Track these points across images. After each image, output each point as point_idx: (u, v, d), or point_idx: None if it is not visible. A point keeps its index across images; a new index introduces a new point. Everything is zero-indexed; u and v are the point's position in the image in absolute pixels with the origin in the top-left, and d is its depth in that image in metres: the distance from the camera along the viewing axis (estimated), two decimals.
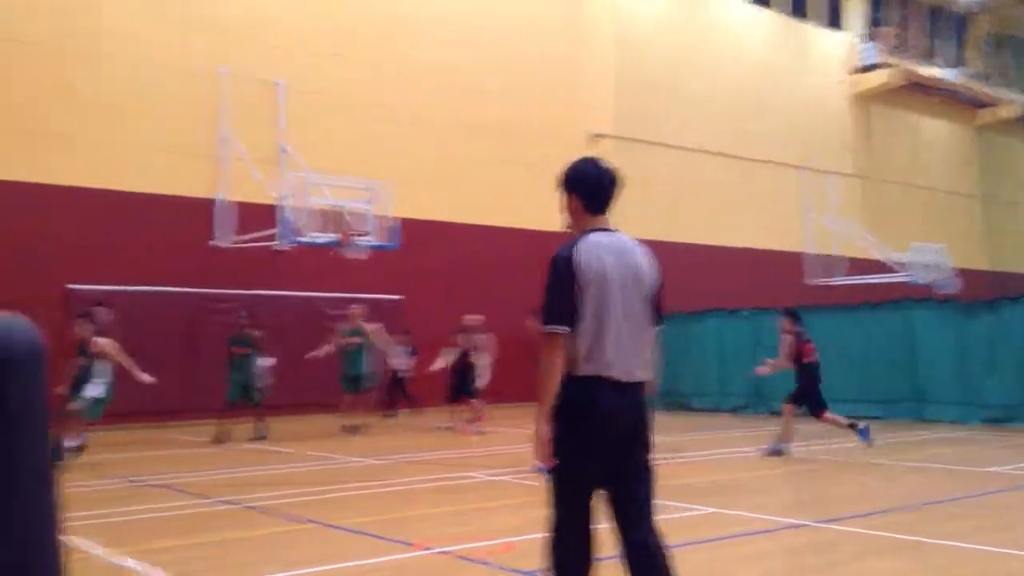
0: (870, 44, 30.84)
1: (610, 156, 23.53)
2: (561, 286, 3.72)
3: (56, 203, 16.00)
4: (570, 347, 3.71)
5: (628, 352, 3.74)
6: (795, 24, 29.25)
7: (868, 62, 30.66)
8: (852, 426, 12.05)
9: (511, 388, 16.20)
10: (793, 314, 12.48)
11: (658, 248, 20.73)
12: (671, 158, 25.09)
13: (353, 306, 15.79)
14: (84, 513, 7.67)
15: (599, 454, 3.72)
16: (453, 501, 8.49)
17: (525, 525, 7.24)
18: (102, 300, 14.25)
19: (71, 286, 15.96)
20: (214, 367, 16.10)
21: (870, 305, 17.60)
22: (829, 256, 26.62)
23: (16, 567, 0.97)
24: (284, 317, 18.14)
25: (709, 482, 9.64)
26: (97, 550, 6.33)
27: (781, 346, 12.25)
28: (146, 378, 11.57)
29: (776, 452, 11.68)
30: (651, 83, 24.88)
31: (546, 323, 3.71)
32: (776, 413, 18.08)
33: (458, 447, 13.02)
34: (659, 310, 3.95)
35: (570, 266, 3.71)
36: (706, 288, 22.99)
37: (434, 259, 19.85)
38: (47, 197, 15.95)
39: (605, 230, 3.91)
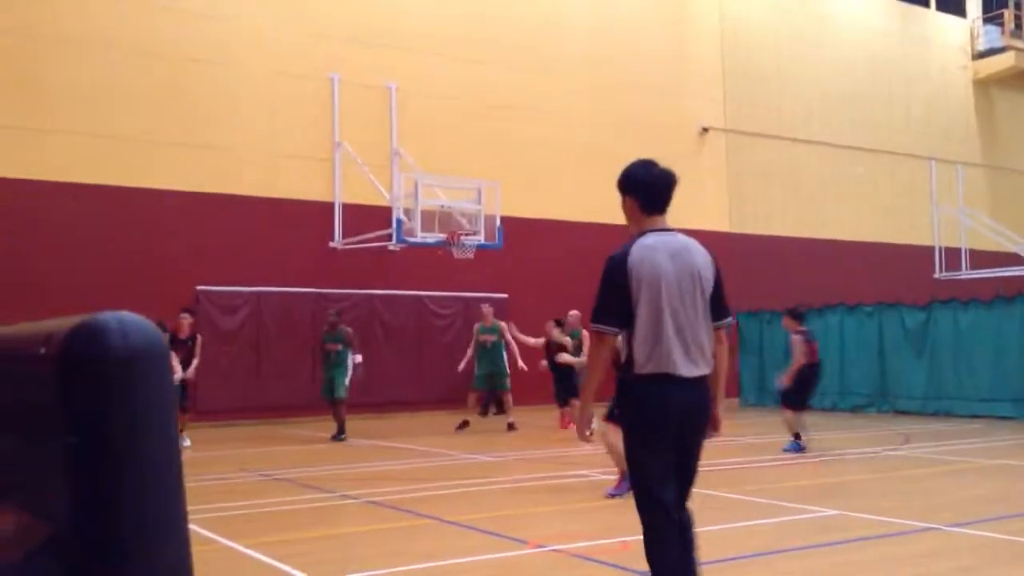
0: (991, 27, 29.30)
1: (721, 149, 23.31)
2: (612, 287, 3.89)
3: (185, 208, 16.69)
4: (629, 347, 3.89)
5: (688, 348, 3.87)
6: (911, 9, 28.06)
7: (990, 46, 29.14)
8: (797, 436, 11.79)
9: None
10: (796, 314, 12.31)
11: (774, 242, 20.43)
12: (785, 150, 24.46)
13: (484, 305, 15.93)
14: (212, 506, 7.98)
15: (669, 449, 3.89)
16: (566, 499, 8.49)
17: (639, 524, 7.18)
18: (191, 307, 14.60)
19: (200, 287, 16.65)
20: None
21: (1003, 299, 16.76)
22: (955, 249, 25.50)
23: (144, 559, 1.00)
24: (397, 316, 18.52)
25: (833, 483, 9.37)
26: (224, 542, 6.58)
27: (793, 347, 12.08)
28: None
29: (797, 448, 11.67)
30: (762, 75, 24.31)
31: (594, 321, 3.92)
32: (900, 411, 17.51)
33: (569, 445, 13.00)
34: (722, 305, 4.05)
35: (623, 267, 3.87)
36: (824, 283, 22.34)
37: (540, 257, 19.88)
38: (177, 202, 16.65)
39: (662, 230, 4.03)
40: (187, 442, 13.02)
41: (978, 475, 9.83)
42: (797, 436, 11.80)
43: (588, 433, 4.12)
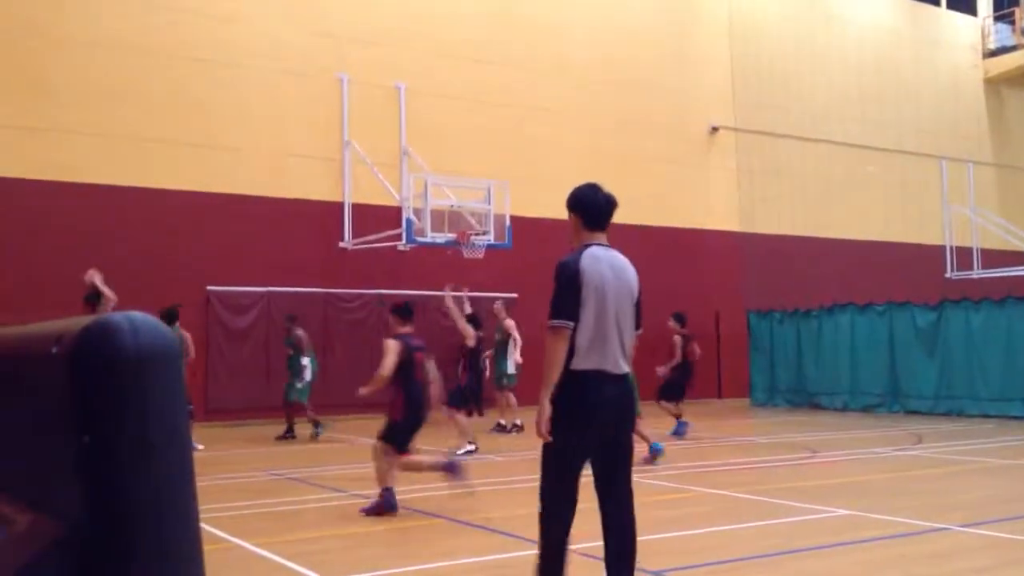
0: (1001, 26, 29.14)
1: (731, 149, 23.24)
2: (569, 289, 4.44)
3: (195, 208, 16.72)
4: (572, 343, 4.42)
5: (619, 350, 4.49)
6: (921, 8, 27.94)
7: (1000, 45, 28.96)
8: (678, 416, 13.64)
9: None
10: (679, 318, 13.85)
11: (784, 241, 20.32)
12: (795, 149, 24.38)
13: (496, 304, 15.72)
14: (223, 505, 7.99)
15: (594, 439, 4.45)
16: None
17: (649, 524, 7.15)
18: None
19: (210, 287, 16.70)
20: (344, 364, 16.57)
21: (1013, 299, 16.68)
22: (967, 248, 25.41)
23: (155, 558, 1.00)
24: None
25: (844, 483, 9.32)
26: (235, 541, 6.58)
27: (674, 347, 13.59)
28: None
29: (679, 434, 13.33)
30: (771, 74, 24.24)
31: (555, 318, 4.43)
32: (912, 411, 17.45)
33: None
34: (640, 316, 4.66)
35: (577, 274, 4.45)
36: (834, 283, 22.27)
37: (550, 256, 19.75)
38: (186, 202, 16.69)
39: (602, 245, 4.62)
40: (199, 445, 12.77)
41: (990, 475, 9.78)
42: (679, 417, 13.59)
43: (549, 429, 4.41)
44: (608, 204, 4.70)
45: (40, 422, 1.07)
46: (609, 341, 4.44)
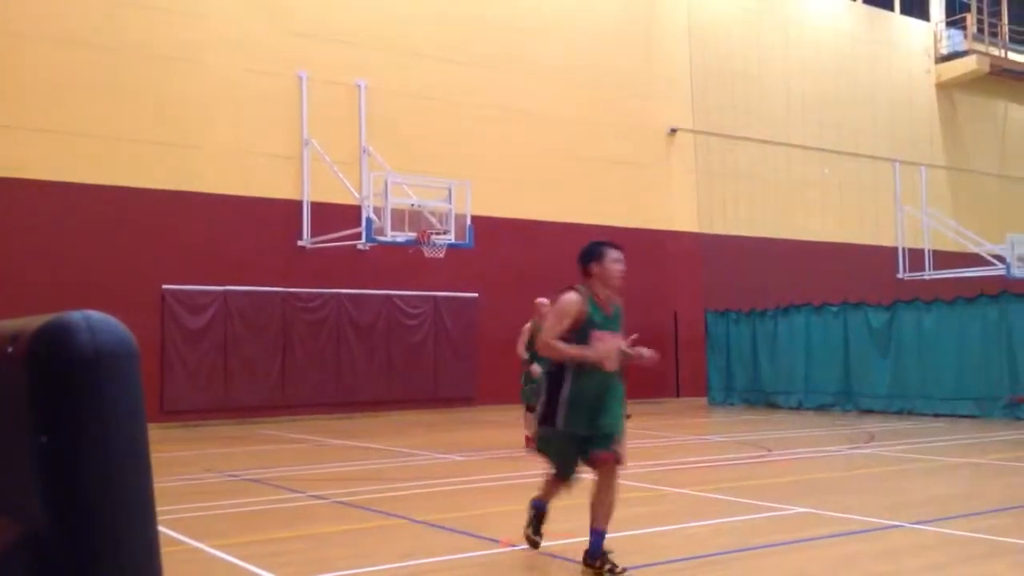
0: (954, 31, 29.72)
1: (689, 150, 23.44)
2: None
3: (152, 206, 16.51)
4: None
5: None
6: (876, 13, 28.40)
7: (953, 50, 29.55)
8: None
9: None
10: None
11: (741, 243, 20.54)
12: (752, 151, 24.67)
13: (541, 300, 13.95)
14: (180, 507, 7.89)
15: None
16: None
17: (613, 523, 7.19)
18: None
19: (166, 287, 16.48)
20: (303, 364, 16.44)
21: (964, 300, 17.02)
22: (919, 250, 25.86)
23: (114, 560, 0.99)
24: (366, 315, 18.44)
25: (799, 481, 9.45)
26: (193, 543, 6.51)
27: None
28: None
29: None
30: (730, 77, 24.49)
31: None
32: (865, 410, 17.73)
33: None
34: None
35: None
36: (790, 283, 22.56)
37: (511, 256, 19.90)
38: (144, 200, 16.47)
39: None
40: None
41: (942, 473, 9.97)
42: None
43: None
44: None
45: None
46: None
